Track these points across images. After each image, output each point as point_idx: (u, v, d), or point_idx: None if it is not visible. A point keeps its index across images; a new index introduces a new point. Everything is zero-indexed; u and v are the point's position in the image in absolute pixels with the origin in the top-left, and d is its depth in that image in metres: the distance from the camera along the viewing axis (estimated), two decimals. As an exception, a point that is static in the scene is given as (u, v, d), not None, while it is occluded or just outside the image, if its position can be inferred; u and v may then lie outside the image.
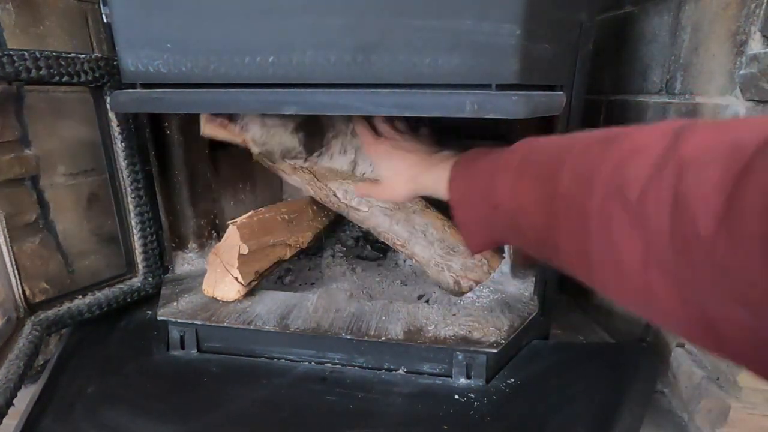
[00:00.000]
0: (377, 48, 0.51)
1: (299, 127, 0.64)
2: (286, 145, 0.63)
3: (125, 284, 0.75)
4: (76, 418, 0.57)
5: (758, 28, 0.56)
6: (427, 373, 0.64)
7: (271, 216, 0.76)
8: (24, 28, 0.68)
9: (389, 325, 0.65)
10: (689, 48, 0.68)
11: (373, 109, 0.51)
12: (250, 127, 0.63)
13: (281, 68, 0.54)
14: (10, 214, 0.63)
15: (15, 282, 0.64)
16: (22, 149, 0.66)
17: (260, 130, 0.63)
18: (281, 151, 0.64)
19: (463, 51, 0.49)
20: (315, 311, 0.68)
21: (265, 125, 0.63)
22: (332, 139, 0.69)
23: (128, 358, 0.67)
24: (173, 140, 0.77)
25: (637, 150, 0.26)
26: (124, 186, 0.72)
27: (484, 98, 0.48)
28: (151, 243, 0.76)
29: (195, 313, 0.68)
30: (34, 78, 0.59)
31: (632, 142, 0.27)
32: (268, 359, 0.67)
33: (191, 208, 0.82)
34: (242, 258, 0.69)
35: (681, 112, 0.70)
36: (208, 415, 0.57)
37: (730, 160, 0.21)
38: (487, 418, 0.57)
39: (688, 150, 0.23)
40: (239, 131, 0.63)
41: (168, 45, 0.55)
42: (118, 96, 0.58)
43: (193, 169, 0.80)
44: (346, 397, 0.60)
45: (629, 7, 0.84)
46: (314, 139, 0.65)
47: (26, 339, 0.61)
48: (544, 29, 0.51)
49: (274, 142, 0.63)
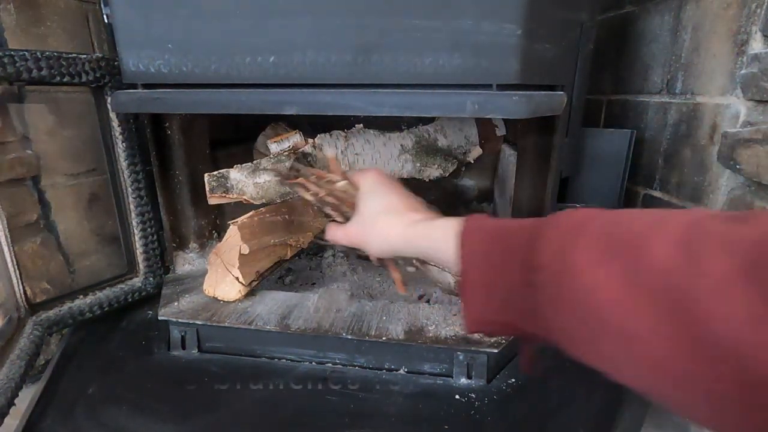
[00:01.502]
0: (378, 48, 0.51)
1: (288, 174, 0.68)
2: (281, 191, 0.69)
3: (126, 284, 0.75)
4: (77, 417, 0.57)
5: (759, 27, 0.56)
6: (427, 373, 0.64)
7: (271, 216, 0.76)
8: (25, 28, 0.68)
9: (390, 325, 0.65)
10: (690, 48, 0.68)
11: (374, 109, 0.51)
12: (245, 190, 0.68)
13: (282, 68, 0.54)
14: (11, 214, 0.63)
15: (16, 282, 0.64)
16: (23, 149, 0.66)
17: (254, 189, 0.68)
18: (279, 197, 0.70)
19: (464, 51, 0.49)
20: (316, 311, 0.68)
21: (257, 185, 0.68)
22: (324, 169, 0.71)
23: (129, 358, 0.67)
24: (174, 140, 0.77)
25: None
26: (125, 186, 0.72)
27: (485, 98, 0.48)
28: (152, 243, 0.76)
29: (196, 313, 0.68)
30: (35, 78, 0.59)
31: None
32: (268, 359, 0.67)
33: (192, 208, 0.82)
34: (243, 258, 0.69)
35: (682, 111, 0.70)
36: (209, 415, 0.57)
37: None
38: (488, 418, 0.57)
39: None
40: (238, 195, 0.68)
41: (169, 45, 0.55)
42: (119, 96, 0.58)
43: (194, 169, 0.80)
44: (346, 397, 0.60)
45: (630, 7, 0.84)
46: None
47: (27, 339, 0.61)
48: (545, 29, 0.51)
49: (270, 193, 0.69)
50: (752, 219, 0.23)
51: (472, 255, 0.35)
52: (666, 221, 0.25)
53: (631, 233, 0.25)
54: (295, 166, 0.67)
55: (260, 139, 0.89)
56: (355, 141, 0.75)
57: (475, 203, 0.99)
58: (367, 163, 0.75)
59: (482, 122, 0.83)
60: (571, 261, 0.27)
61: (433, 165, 0.76)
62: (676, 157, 0.72)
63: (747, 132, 0.57)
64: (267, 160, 0.70)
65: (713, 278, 0.21)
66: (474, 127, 0.82)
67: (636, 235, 0.25)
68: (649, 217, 0.26)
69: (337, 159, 0.65)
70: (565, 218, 0.30)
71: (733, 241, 0.22)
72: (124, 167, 0.71)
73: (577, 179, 0.71)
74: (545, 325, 0.30)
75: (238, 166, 0.69)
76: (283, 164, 0.68)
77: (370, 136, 0.76)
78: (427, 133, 0.81)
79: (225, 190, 0.68)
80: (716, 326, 0.21)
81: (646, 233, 0.25)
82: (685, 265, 0.22)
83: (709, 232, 0.23)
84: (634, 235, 0.25)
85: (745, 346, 0.20)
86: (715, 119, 0.63)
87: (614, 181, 0.71)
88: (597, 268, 0.25)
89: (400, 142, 0.77)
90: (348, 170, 0.63)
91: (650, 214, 0.27)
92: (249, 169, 0.69)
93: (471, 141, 0.82)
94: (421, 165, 0.76)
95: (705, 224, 0.23)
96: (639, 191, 0.82)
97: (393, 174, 0.78)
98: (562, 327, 0.29)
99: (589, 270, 0.25)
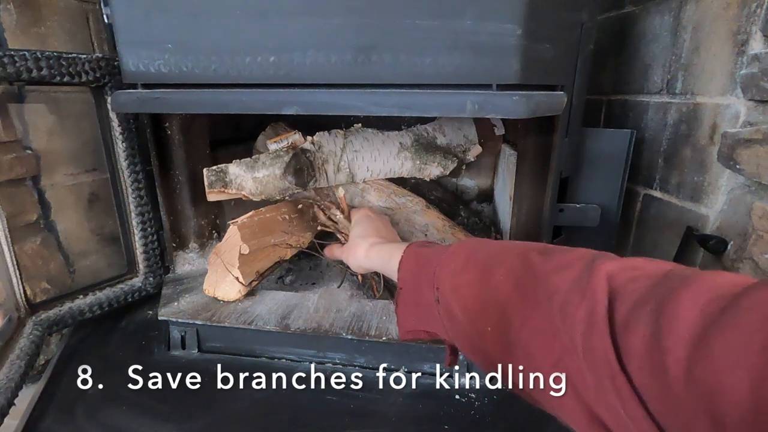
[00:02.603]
0: (378, 48, 0.51)
1: (286, 170, 0.69)
2: (281, 187, 0.69)
3: (126, 284, 0.75)
4: (76, 417, 0.57)
5: (759, 27, 0.56)
6: (427, 373, 0.64)
7: (271, 216, 0.76)
8: (25, 28, 0.68)
9: (390, 325, 0.65)
10: (690, 48, 0.68)
11: (374, 109, 0.51)
12: (245, 185, 0.68)
13: (282, 68, 0.54)
14: (11, 214, 0.63)
15: (16, 282, 0.64)
16: (23, 149, 0.66)
17: (254, 185, 0.68)
18: (279, 193, 0.70)
19: (464, 51, 0.49)
20: (316, 311, 0.68)
21: (256, 179, 0.68)
22: (323, 165, 0.71)
23: (129, 358, 0.67)
24: (174, 140, 0.77)
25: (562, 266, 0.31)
26: (125, 186, 0.72)
27: (485, 98, 0.48)
28: (152, 243, 0.76)
29: (196, 313, 0.68)
30: (35, 78, 0.59)
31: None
32: (268, 359, 0.67)
33: (192, 207, 0.82)
34: (243, 258, 0.69)
35: (682, 111, 0.70)
36: (209, 415, 0.57)
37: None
38: (488, 418, 0.57)
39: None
40: (236, 191, 0.68)
41: (169, 45, 0.55)
42: (119, 96, 0.58)
43: (194, 169, 0.80)
44: (346, 397, 0.60)
45: (630, 7, 0.84)
46: (303, 173, 0.70)
47: (27, 339, 0.61)
48: (545, 29, 0.51)
49: (269, 189, 0.69)
50: (558, 254, 0.33)
51: (404, 275, 0.44)
52: (507, 251, 0.37)
53: (487, 256, 0.37)
54: (311, 196, 0.77)
55: (260, 139, 0.89)
56: (353, 138, 0.75)
57: (475, 203, 0.99)
58: (366, 159, 0.75)
59: (481, 121, 0.83)
60: (447, 275, 0.38)
61: (433, 163, 0.76)
62: (676, 157, 0.72)
63: (747, 132, 0.57)
64: (266, 156, 0.70)
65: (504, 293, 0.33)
66: (473, 126, 0.82)
67: (488, 259, 0.37)
68: (500, 246, 0.38)
69: (344, 197, 0.71)
70: (455, 248, 0.41)
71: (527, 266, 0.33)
72: (124, 167, 0.71)
73: (577, 179, 0.71)
74: (447, 331, 0.39)
75: (237, 161, 0.69)
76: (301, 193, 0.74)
77: (369, 134, 0.76)
78: (425, 132, 0.81)
79: (224, 184, 0.68)
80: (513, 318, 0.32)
81: (494, 258, 0.36)
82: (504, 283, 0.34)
83: (528, 264, 0.33)
84: (487, 258, 0.37)
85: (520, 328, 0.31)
86: (715, 119, 0.63)
87: (614, 181, 0.71)
88: (460, 277, 0.37)
89: (399, 140, 0.77)
90: (351, 206, 0.74)
91: (504, 245, 0.39)
92: (248, 164, 0.69)
93: (470, 140, 0.82)
94: (420, 162, 0.76)
95: (528, 257, 0.34)
96: (639, 191, 0.82)
97: (393, 174, 0.79)
98: (454, 331, 0.38)
99: (455, 279, 0.38)
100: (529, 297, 0.31)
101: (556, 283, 0.29)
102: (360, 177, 0.76)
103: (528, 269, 0.32)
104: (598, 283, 0.26)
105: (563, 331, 0.27)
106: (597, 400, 0.25)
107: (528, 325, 0.30)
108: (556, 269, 0.31)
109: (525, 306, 0.31)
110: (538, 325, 0.29)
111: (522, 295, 0.31)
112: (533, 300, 0.30)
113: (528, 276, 0.32)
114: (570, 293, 0.28)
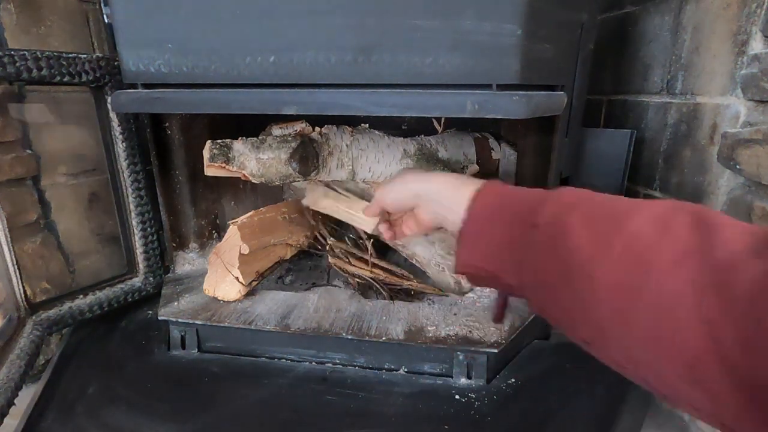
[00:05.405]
0: (378, 48, 0.51)
1: (292, 156, 0.67)
2: (282, 173, 0.68)
3: (126, 284, 0.75)
4: (76, 417, 0.57)
5: (759, 27, 0.56)
6: (427, 373, 0.64)
7: (271, 216, 0.76)
8: (25, 28, 0.68)
9: (390, 325, 0.65)
10: (690, 48, 0.68)
11: (374, 109, 0.51)
12: (247, 165, 0.67)
13: (282, 68, 0.54)
14: (11, 214, 0.63)
15: (16, 282, 0.64)
16: (23, 149, 0.66)
17: (256, 165, 0.67)
18: (279, 178, 0.68)
19: (464, 51, 0.49)
20: (316, 311, 0.68)
21: (260, 160, 0.67)
22: (327, 157, 0.71)
23: (129, 358, 0.67)
24: (174, 140, 0.77)
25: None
26: (125, 186, 0.72)
27: (485, 98, 0.48)
28: (152, 243, 0.76)
29: (196, 313, 0.68)
30: (35, 78, 0.59)
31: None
32: (268, 359, 0.67)
33: (192, 207, 0.82)
34: (243, 258, 0.69)
35: (682, 111, 0.70)
36: (209, 414, 0.57)
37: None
38: (487, 418, 0.57)
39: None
40: (237, 169, 0.67)
41: (169, 45, 0.55)
42: (119, 96, 0.58)
43: (194, 169, 0.80)
44: (346, 397, 0.60)
45: (630, 7, 0.84)
46: (308, 162, 0.68)
47: (27, 338, 0.61)
48: (545, 29, 0.51)
49: (271, 173, 0.68)
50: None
51: (479, 210, 0.40)
52: (645, 205, 0.32)
53: (616, 210, 0.33)
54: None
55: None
56: (360, 137, 0.75)
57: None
58: (370, 159, 0.75)
59: (480, 143, 0.83)
60: (565, 224, 0.33)
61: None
62: (676, 158, 0.72)
63: (747, 132, 0.57)
64: (273, 139, 0.68)
65: (676, 245, 0.27)
66: (473, 146, 0.82)
67: (619, 211, 0.32)
68: (632, 202, 0.33)
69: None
70: (567, 192, 0.36)
71: (701, 222, 0.28)
72: (124, 167, 0.71)
73: (577, 179, 0.71)
74: (525, 278, 0.36)
75: (243, 139, 0.68)
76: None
77: (375, 136, 0.76)
78: (429, 143, 0.80)
79: (226, 160, 0.66)
80: (663, 280, 0.26)
81: (627, 211, 0.32)
82: (654, 232, 0.29)
83: (686, 210, 0.29)
84: (617, 212, 0.32)
85: (682, 306, 0.25)
86: (715, 119, 0.63)
87: (614, 181, 0.71)
88: (583, 230, 0.32)
89: (404, 147, 0.77)
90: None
91: (635, 201, 0.33)
92: (254, 143, 0.67)
93: (469, 158, 0.82)
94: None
95: (685, 206, 0.29)
96: (639, 191, 0.82)
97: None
98: (543, 279, 0.35)
99: (577, 232, 0.32)
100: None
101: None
102: (361, 176, 0.75)
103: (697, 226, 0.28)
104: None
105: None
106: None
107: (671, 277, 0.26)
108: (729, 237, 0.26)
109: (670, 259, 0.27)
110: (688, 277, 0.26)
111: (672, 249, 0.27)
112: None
113: (683, 220, 0.28)
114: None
